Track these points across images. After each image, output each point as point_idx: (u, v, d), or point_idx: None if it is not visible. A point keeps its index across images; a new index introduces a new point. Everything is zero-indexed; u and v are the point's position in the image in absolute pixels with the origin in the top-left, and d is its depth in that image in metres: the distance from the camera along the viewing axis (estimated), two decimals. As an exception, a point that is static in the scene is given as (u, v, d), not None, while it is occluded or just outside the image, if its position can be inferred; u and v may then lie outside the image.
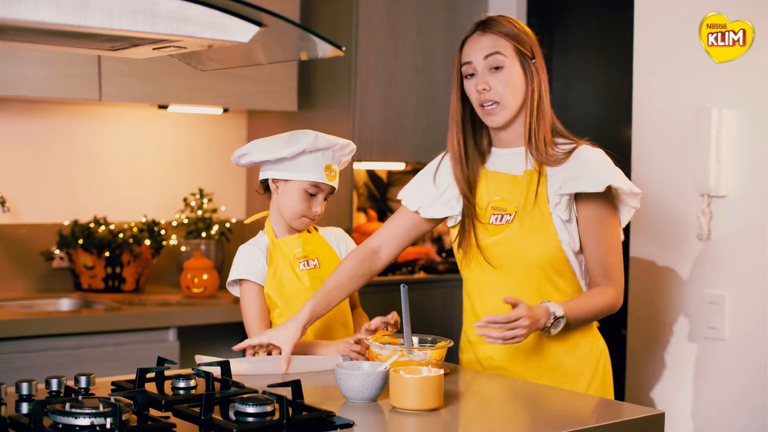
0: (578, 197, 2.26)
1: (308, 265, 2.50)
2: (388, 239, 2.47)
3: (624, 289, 2.31)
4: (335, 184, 2.50)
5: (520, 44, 2.27)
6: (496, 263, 2.32)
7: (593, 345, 2.35)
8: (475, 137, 2.39)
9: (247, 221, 2.65)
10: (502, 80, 2.27)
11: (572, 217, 2.27)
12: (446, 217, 2.43)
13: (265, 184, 2.54)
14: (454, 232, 2.41)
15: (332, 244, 2.59)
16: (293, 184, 2.47)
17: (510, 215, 2.31)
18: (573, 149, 2.27)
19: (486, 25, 2.31)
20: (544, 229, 2.27)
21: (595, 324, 2.39)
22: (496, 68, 2.27)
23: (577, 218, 2.28)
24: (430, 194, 2.43)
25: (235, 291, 2.53)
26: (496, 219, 2.32)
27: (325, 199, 2.51)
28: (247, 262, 2.49)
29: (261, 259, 2.48)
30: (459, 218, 2.39)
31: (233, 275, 2.49)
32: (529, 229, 2.28)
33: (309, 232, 2.57)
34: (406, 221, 2.47)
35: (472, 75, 2.31)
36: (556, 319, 2.18)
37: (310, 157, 2.45)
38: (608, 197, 2.27)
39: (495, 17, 2.32)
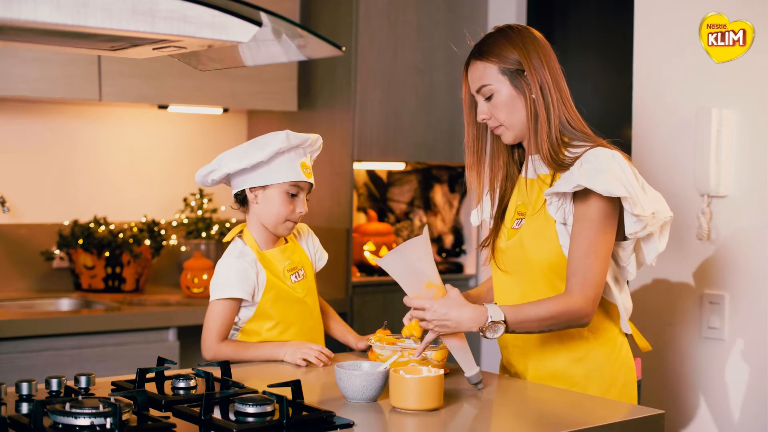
0: (574, 198, 2.24)
1: (299, 276, 2.46)
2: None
3: (595, 295, 2.18)
4: (313, 180, 2.44)
5: (505, 63, 2.27)
6: (505, 268, 2.33)
7: (608, 361, 2.29)
8: (512, 147, 2.40)
9: (226, 239, 2.50)
10: (495, 106, 2.29)
11: (568, 219, 2.25)
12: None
13: (240, 197, 2.44)
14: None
15: (305, 248, 2.55)
16: (272, 189, 2.39)
17: (524, 220, 2.32)
18: (582, 153, 2.23)
19: (477, 50, 2.32)
20: (546, 232, 2.25)
21: (618, 339, 2.32)
22: (488, 98, 2.30)
23: None
24: (483, 204, 2.51)
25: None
26: (516, 224, 2.33)
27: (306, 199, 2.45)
28: (240, 279, 2.38)
29: (252, 275, 2.39)
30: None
31: (226, 293, 2.37)
32: (533, 233, 2.27)
33: (286, 241, 2.51)
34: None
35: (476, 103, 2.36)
36: (494, 323, 2.11)
37: (285, 158, 2.38)
38: (606, 201, 2.20)
39: (487, 36, 2.32)
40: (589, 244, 2.19)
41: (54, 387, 1.92)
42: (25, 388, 1.90)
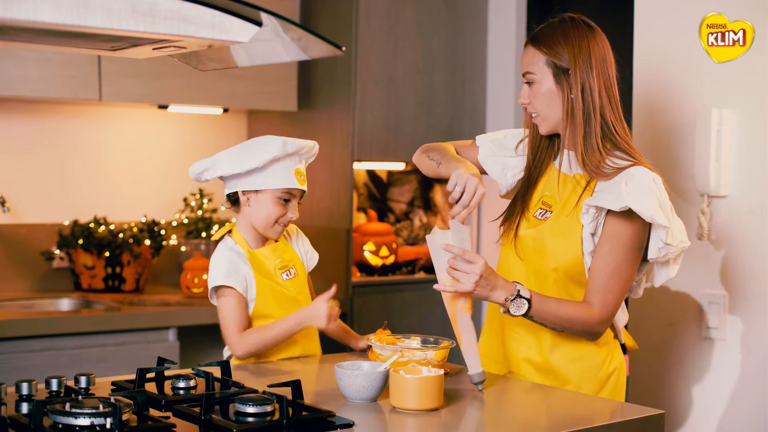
0: (609, 213, 2.23)
1: (290, 274, 2.47)
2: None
3: (610, 317, 2.24)
4: (305, 187, 2.44)
5: (553, 57, 2.27)
6: (523, 256, 2.33)
7: (603, 361, 2.32)
8: (551, 137, 2.40)
9: (214, 237, 2.53)
10: (535, 95, 2.31)
11: (598, 231, 2.25)
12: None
13: (232, 198, 2.46)
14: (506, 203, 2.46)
15: (295, 248, 2.55)
16: (265, 193, 2.40)
17: (551, 213, 2.32)
18: (626, 167, 2.24)
19: (534, 35, 2.33)
20: (571, 234, 2.26)
21: (611, 340, 2.35)
22: (529, 83, 2.31)
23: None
24: (499, 149, 2.48)
25: (215, 300, 2.44)
26: (540, 214, 2.33)
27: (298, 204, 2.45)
28: (229, 269, 2.39)
29: (242, 267, 2.40)
30: (507, 190, 2.46)
31: (219, 281, 2.39)
32: (558, 230, 2.28)
33: (276, 240, 2.51)
34: (467, 154, 2.51)
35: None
36: (519, 297, 2.16)
37: (279, 165, 2.38)
38: (640, 225, 2.21)
39: (548, 24, 2.33)
40: (616, 266, 2.22)
41: (54, 387, 1.92)
42: (25, 388, 1.90)
